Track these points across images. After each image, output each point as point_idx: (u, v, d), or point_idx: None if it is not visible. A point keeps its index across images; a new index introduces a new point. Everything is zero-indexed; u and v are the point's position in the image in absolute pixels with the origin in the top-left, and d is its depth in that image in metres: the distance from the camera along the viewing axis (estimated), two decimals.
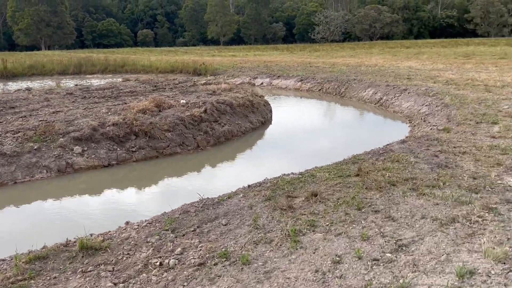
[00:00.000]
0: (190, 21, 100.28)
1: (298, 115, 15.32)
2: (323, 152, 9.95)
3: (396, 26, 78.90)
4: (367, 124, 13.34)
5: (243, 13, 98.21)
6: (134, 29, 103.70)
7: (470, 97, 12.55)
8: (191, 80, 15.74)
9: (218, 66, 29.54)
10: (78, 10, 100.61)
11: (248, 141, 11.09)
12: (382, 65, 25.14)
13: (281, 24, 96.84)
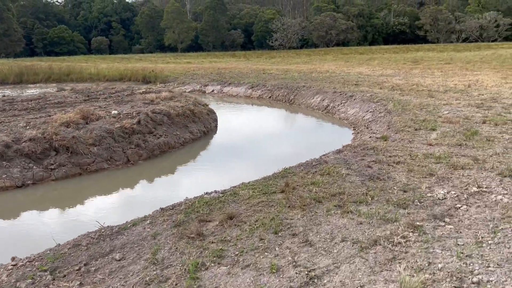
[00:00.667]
0: (146, 28, 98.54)
1: (245, 123, 14.88)
2: (263, 163, 9.50)
3: (351, 33, 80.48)
4: (312, 132, 13.02)
5: (201, 20, 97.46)
6: (88, 36, 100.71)
7: (413, 103, 12.50)
8: (130, 89, 14.95)
9: (170, 73, 28.74)
10: (27, 17, 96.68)
11: (186, 153, 10.49)
12: (334, 72, 25.18)
13: (240, 31, 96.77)
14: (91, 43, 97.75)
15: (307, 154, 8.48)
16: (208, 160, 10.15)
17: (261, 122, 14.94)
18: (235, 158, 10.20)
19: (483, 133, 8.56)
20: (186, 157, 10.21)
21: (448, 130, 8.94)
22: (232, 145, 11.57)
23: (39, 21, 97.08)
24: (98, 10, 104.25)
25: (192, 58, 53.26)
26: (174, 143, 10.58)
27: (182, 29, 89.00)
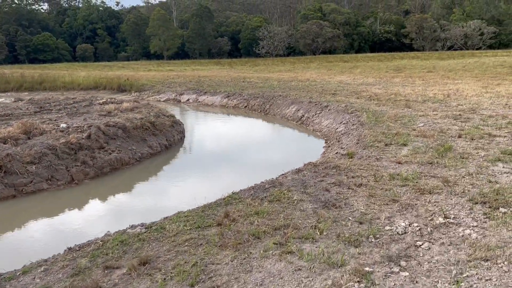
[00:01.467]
0: (132, 35, 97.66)
1: (214, 135, 14.08)
2: (221, 182, 8.72)
3: (338, 41, 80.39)
4: (282, 147, 12.22)
5: (187, 27, 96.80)
6: (73, 43, 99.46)
7: (388, 114, 11.82)
8: (90, 99, 14.06)
9: (147, 81, 27.86)
10: (10, 24, 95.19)
11: (141, 170, 9.63)
12: (314, 80, 24.54)
13: (226, 38, 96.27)
14: (76, 51, 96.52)
15: (271, 171, 7.75)
16: (163, 178, 9.31)
17: (231, 135, 14.13)
18: (193, 175, 9.38)
19: (457, 148, 7.86)
20: (139, 175, 9.36)
21: (421, 145, 8.24)
22: (194, 160, 10.75)
23: (23, 28, 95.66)
24: (84, 17, 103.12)
25: (175, 66, 52.41)
26: (128, 159, 9.73)
27: (168, 37, 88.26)
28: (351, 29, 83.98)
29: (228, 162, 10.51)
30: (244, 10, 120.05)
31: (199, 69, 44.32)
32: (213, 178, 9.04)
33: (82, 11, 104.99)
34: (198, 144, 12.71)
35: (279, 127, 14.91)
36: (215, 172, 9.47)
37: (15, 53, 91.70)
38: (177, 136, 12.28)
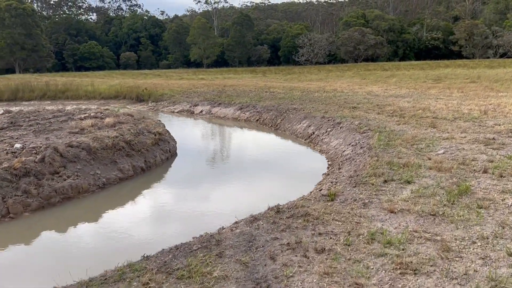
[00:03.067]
0: (173, 43, 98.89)
1: (209, 154, 12.56)
2: (191, 220, 7.23)
3: (381, 48, 77.25)
4: (277, 172, 10.31)
5: (228, 35, 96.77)
6: (117, 51, 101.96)
7: (406, 136, 9.86)
8: (72, 113, 12.93)
9: (169, 91, 26.88)
10: (60, 33, 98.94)
11: (99, 201, 8.26)
12: (342, 91, 22.60)
13: (266, 46, 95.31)
14: (120, 59, 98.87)
15: (248, 206, 6.24)
16: (116, 215, 7.87)
17: (227, 155, 12.49)
18: (159, 210, 7.90)
19: (477, 191, 5.91)
20: (94, 207, 7.98)
21: (430, 184, 6.33)
22: (165, 188, 9.27)
23: (71, 37, 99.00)
24: (128, 26, 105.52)
25: (209, 74, 51.68)
26: (88, 185, 8.40)
27: (207, 45, 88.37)
28: (395, 36, 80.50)
29: (205, 192, 8.96)
30: (286, 18, 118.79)
31: (231, 78, 43.24)
32: (173, 217, 7.52)
33: (127, 20, 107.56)
34: (182, 166, 11.21)
35: (283, 147, 13.17)
36: (186, 207, 7.96)
37: (63, 61, 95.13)
38: (161, 156, 10.88)
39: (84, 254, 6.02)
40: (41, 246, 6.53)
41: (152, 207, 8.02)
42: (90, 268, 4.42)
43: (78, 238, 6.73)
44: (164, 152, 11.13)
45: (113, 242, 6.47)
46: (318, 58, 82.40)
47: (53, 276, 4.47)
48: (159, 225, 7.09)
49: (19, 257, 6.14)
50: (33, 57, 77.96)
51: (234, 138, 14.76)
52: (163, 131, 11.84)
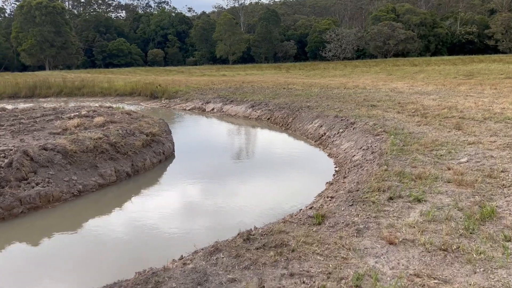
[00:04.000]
0: (200, 40, 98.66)
1: (209, 158, 11.48)
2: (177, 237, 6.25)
3: (411, 43, 74.44)
4: (281, 179, 9.17)
5: (254, 31, 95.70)
6: (145, 48, 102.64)
7: (425, 139, 8.55)
8: (63, 111, 12.13)
9: (185, 87, 26.06)
10: (89, 31, 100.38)
11: (71, 211, 7.37)
12: (364, 87, 21.18)
13: (293, 42, 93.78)
14: (147, 56, 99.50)
15: (238, 220, 5.21)
16: (89, 228, 6.95)
17: (227, 158, 11.25)
18: (133, 226, 6.94)
19: (505, 215, 4.65)
20: (61, 219, 7.10)
21: (446, 204, 5.10)
22: (152, 198, 8.30)
23: (100, 34, 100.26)
24: (156, 23, 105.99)
25: (232, 71, 50.81)
26: (60, 193, 7.54)
27: (233, 41, 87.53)
28: (427, 30, 77.41)
29: (190, 204, 7.95)
30: (314, 13, 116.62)
31: (254, 74, 42.21)
32: (148, 237, 6.54)
33: (155, 17, 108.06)
34: (174, 171, 10.21)
35: (290, 150, 11.97)
36: (159, 223, 6.98)
37: (93, 58, 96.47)
38: (153, 159, 9.94)
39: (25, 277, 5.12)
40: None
41: (126, 223, 7.07)
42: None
43: (25, 256, 5.84)
44: (157, 155, 10.19)
45: (65, 267, 5.55)
46: (346, 54, 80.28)
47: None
48: (128, 246, 6.12)
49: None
50: (63, 54, 79.19)
51: (239, 140, 13.63)
52: (158, 132, 10.90)
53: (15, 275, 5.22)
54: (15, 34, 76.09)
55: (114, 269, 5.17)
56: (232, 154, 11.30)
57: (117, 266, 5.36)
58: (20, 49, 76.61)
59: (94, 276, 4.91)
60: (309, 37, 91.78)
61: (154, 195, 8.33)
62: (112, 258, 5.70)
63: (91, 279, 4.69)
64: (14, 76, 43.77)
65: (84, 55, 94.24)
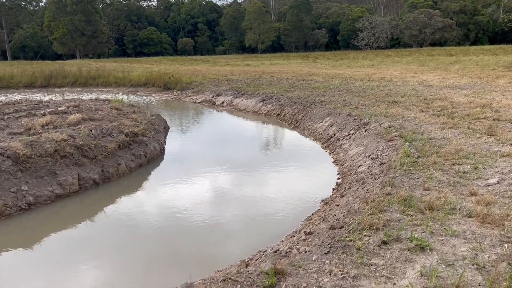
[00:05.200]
0: (229, 29, 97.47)
1: (199, 162, 10.15)
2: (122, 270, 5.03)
3: (449, 31, 70.51)
4: (268, 197, 7.61)
5: (285, 20, 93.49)
6: (175, 37, 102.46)
7: (446, 148, 6.93)
8: (40, 106, 11.06)
9: (202, 78, 24.82)
10: (121, 20, 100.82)
11: (8, 227, 6.24)
12: (390, 79, 19.33)
13: (325, 30, 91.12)
14: (177, 44, 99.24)
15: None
16: (23, 255, 5.79)
17: (218, 163, 9.77)
18: (81, 254, 5.75)
19: None
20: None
21: (459, 255, 3.59)
22: (115, 214, 7.07)
23: (131, 23, 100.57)
24: (186, 12, 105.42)
25: (257, 60, 49.28)
26: (4, 207, 6.42)
27: (262, 30, 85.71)
28: (466, 18, 73.09)
29: (162, 221, 6.67)
30: (347, 1, 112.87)
31: (278, 64, 40.57)
32: (102, 268, 5.32)
33: (186, 5, 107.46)
34: (155, 177, 8.91)
35: (292, 154, 10.38)
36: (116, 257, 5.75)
37: (124, 47, 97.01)
38: (130, 163, 8.72)
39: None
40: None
41: (73, 247, 5.87)
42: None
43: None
44: (136, 158, 8.97)
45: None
46: (379, 43, 77.11)
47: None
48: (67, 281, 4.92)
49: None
50: (93, 43, 79.74)
51: (239, 140, 12.06)
52: (141, 131, 9.67)
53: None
54: (47, 23, 77.09)
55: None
56: (222, 161, 9.88)
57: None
58: (52, 38, 77.62)
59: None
60: (341, 26, 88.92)
61: (114, 211, 7.09)
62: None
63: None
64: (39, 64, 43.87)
65: (115, 44, 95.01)
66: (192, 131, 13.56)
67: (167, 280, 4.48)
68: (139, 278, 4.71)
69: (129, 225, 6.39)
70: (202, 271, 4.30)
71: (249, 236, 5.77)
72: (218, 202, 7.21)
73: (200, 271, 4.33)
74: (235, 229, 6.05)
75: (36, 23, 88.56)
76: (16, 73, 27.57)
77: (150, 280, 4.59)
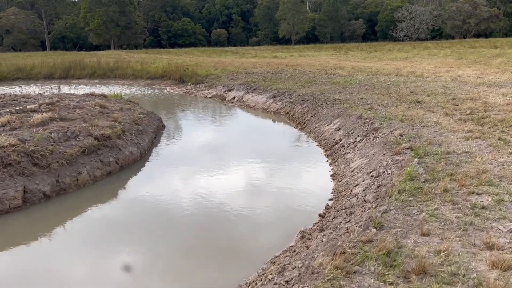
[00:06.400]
0: (264, 19, 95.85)
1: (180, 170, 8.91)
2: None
3: (496, 22, 66.06)
4: (241, 225, 6.30)
5: (321, 10, 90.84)
6: (209, 28, 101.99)
7: (465, 169, 5.37)
8: (11, 104, 10.07)
9: (220, 71, 23.58)
10: (156, 10, 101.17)
11: None
12: (421, 74, 17.42)
13: (362, 21, 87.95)
14: (211, 36, 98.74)
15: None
16: None
17: (201, 172, 8.50)
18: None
19: None
20: None
21: None
22: (52, 237, 5.95)
23: (166, 14, 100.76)
24: (221, 3, 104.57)
25: (288, 52, 47.60)
26: None
27: (297, 20, 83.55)
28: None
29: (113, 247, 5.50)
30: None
31: (307, 56, 38.81)
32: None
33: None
34: (124, 187, 7.79)
35: (287, 163, 8.85)
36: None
37: (159, 38, 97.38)
38: (95, 171, 7.58)
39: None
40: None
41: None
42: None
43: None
44: (104, 165, 7.83)
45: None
46: (419, 34, 73.40)
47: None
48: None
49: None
50: (127, 34, 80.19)
51: (234, 146, 10.58)
52: (117, 133, 8.53)
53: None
54: (83, 14, 78.12)
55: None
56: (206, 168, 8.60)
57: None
58: (88, 29, 78.62)
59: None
60: (379, 16, 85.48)
61: (55, 233, 5.96)
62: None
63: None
64: (71, 55, 43.99)
65: (151, 35, 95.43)
66: (190, 132, 12.37)
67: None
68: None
69: (70, 248, 5.25)
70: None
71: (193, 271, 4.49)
72: (189, 222, 5.95)
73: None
74: (193, 265, 4.78)
75: (75, 14, 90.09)
76: (37, 64, 27.32)
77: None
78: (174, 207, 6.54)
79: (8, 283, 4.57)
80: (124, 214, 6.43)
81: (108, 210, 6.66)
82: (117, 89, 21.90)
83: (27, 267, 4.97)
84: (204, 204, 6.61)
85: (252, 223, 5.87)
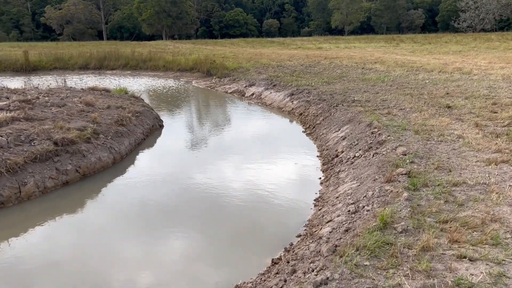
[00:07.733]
0: (316, 9, 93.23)
1: (150, 190, 7.80)
2: None
3: None
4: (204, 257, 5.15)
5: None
6: (261, 19, 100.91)
7: (470, 212, 3.82)
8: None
9: (251, 64, 22.33)
10: (209, 1, 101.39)
11: None
12: (469, 71, 15.25)
13: (421, 11, 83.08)
14: (262, 26, 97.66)
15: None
16: None
17: (167, 189, 7.36)
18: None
19: None
20: None
21: None
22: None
23: (219, 4, 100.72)
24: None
25: (335, 43, 45.37)
26: None
27: (351, 10, 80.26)
28: None
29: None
30: None
31: (353, 48, 36.62)
32: None
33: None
34: (72, 203, 6.81)
35: (274, 181, 7.43)
36: None
37: (211, 28, 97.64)
38: (45, 181, 6.66)
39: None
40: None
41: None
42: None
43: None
44: (61, 174, 6.89)
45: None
46: (485, 25, 67.88)
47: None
48: None
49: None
50: (178, 24, 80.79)
51: (229, 152, 9.25)
52: (85, 136, 7.59)
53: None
54: (137, 4, 79.56)
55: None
56: (175, 177, 7.44)
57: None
58: (140, 19, 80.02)
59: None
60: (441, 5, 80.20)
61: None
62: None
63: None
64: (121, 44, 44.53)
65: (203, 26, 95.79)
66: (187, 133, 11.29)
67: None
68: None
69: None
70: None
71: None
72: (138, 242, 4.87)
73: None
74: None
75: (131, 5, 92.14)
76: (75, 55, 27.47)
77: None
78: (123, 230, 5.46)
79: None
80: (46, 243, 5.43)
81: (30, 236, 5.69)
82: (144, 81, 21.33)
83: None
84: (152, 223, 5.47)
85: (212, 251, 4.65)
